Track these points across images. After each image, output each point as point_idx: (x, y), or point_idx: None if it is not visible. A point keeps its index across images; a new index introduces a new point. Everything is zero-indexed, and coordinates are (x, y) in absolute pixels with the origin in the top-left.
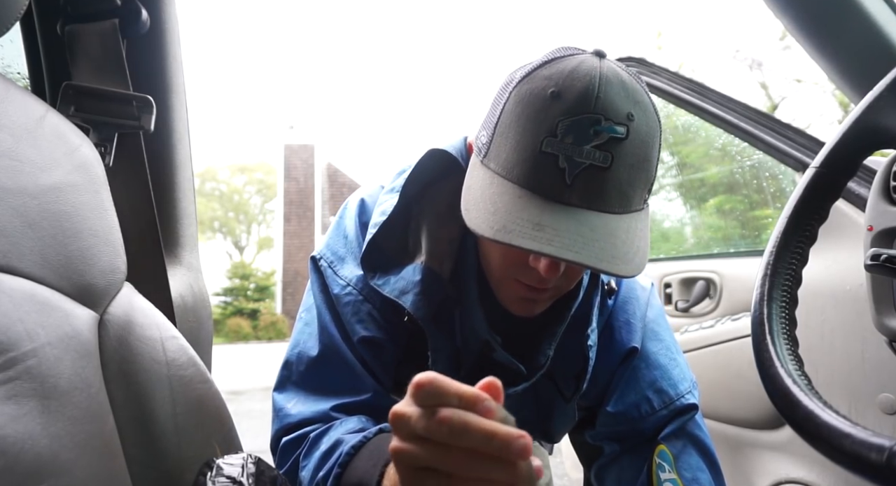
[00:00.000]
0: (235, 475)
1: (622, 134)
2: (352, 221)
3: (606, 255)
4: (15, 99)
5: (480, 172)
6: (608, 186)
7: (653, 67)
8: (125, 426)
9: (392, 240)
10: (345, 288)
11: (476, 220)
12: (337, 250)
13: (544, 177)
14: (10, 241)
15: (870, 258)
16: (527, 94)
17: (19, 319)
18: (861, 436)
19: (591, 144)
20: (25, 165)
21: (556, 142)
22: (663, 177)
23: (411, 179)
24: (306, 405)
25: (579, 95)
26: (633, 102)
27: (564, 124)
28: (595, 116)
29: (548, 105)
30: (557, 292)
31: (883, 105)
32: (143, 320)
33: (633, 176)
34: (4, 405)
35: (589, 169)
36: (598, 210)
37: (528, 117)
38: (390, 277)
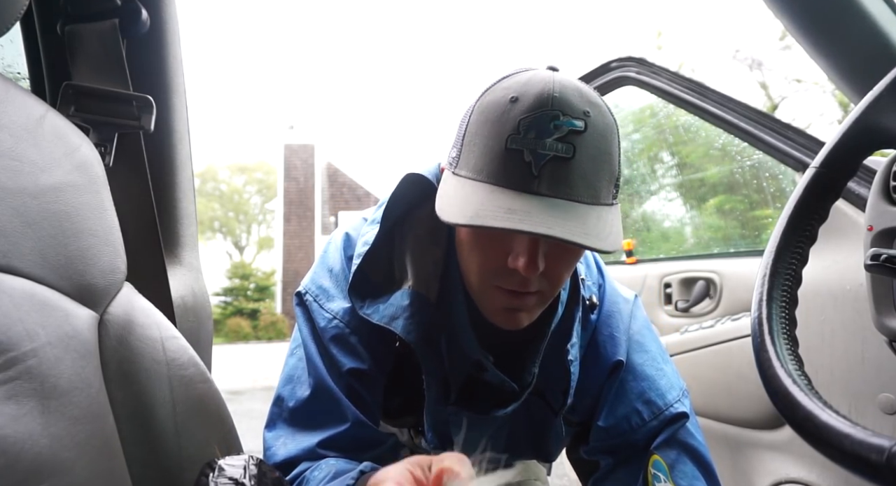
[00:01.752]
0: (237, 476)
1: (580, 127)
2: (337, 254)
3: (578, 232)
4: (15, 99)
5: (452, 181)
6: (574, 175)
7: (653, 67)
8: (125, 425)
9: (378, 269)
10: (331, 321)
11: (449, 212)
12: (321, 283)
13: (512, 171)
14: (10, 241)
15: (870, 258)
16: (488, 103)
17: (19, 319)
18: (861, 436)
19: (552, 137)
20: (25, 165)
21: (520, 138)
22: (664, 177)
23: (390, 205)
24: (294, 442)
25: (537, 96)
26: (587, 102)
27: (526, 122)
28: (553, 112)
29: (509, 109)
30: (542, 300)
31: (883, 105)
32: (143, 320)
33: (597, 167)
34: (4, 404)
35: (553, 160)
36: (567, 198)
37: (492, 122)
38: (378, 305)
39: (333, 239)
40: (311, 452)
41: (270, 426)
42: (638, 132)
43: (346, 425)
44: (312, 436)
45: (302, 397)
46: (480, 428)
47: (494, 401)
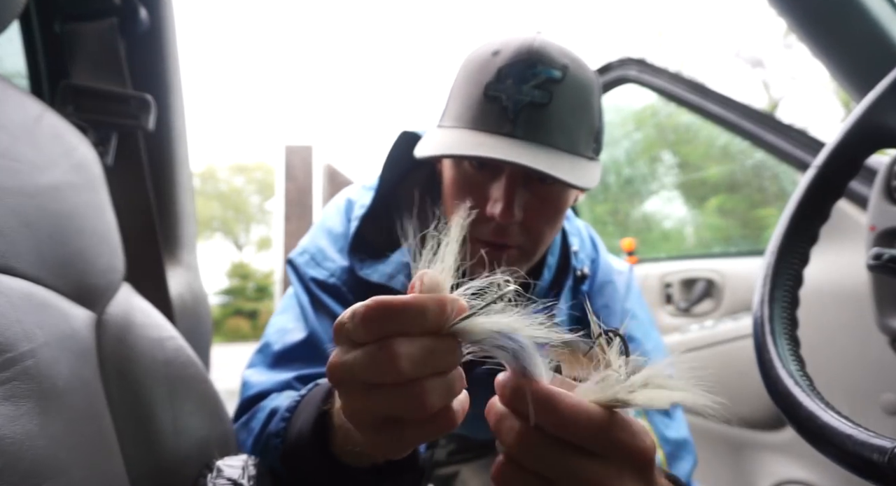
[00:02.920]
0: (236, 476)
1: (558, 76)
2: (339, 217)
3: (551, 164)
4: (12, 99)
5: (434, 131)
6: (550, 121)
7: (653, 67)
8: (123, 426)
9: (377, 231)
10: (329, 277)
11: (423, 149)
12: (319, 243)
13: (489, 116)
14: (7, 241)
15: (872, 258)
16: (471, 58)
17: (17, 319)
18: (862, 437)
19: (529, 84)
20: (23, 165)
21: (498, 84)
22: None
23: (387, 167)
24: (270, 376)
25: (517, 47)
26: (568, 58)
27: (504, 70)
28: (531, 60)
29: (489, 60)
30: (522, 256)
31: (885, 105)
32: (141, 320)
33: (575, 117)
34: (2, 405)
35: (529, 106)
36: (543, 144)
37: (473, 73)
38: (377, 265)
39: (334, 203)
40: (286, 384)
41: (251, 366)
42: (639, 132)
43: None
44: (291, 371)
45: (291, 341)
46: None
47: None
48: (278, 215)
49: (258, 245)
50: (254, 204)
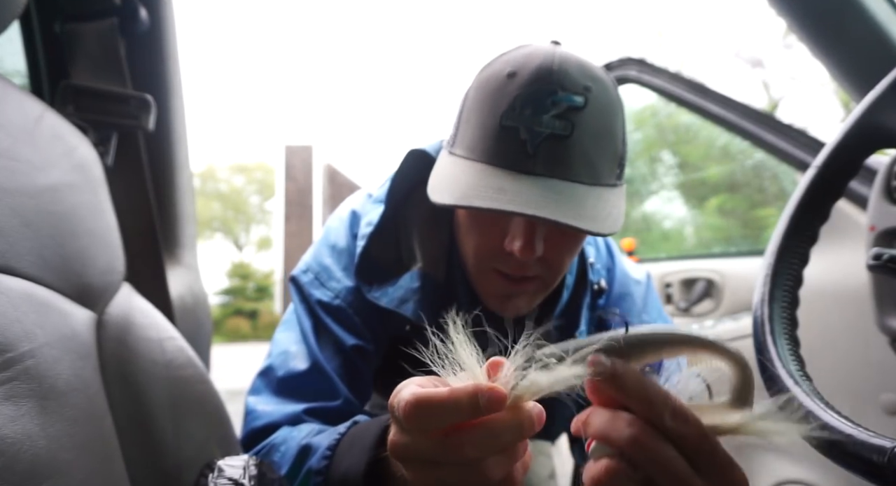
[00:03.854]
0: (237, 476)
1: (580, 103)
2: (342, 231)
3: (572, 213)
4: (12, 99)
5: (447, 159)
6: (572, 153)
7: (653, 67)
8: (124, 426)
9: (385, 251)
10: (334, 299)
11: (438, 192)
12: (323, 261)
13: (506, 150)
14: (7, 241)
15: (872, 258)
16: (486, 78)
17: (17, 319)
18: (862, 437)
19: (549, 113)
20: (23, 165)
21: (515, 115)
22: (664, 176)
23: (395, 184)
24: (278, 407)
25: (535, 70)
26: (589, 77)
27: (522, 97)
28: (551, 87)
29: (505, 84)
30: (541, 287)
31: (884, 105)
32: (141, 321)
33: (598, 146)
34: (2, 405)
35: (550, 138)
36: (564, 179)
37: (488, 98)
38: (387, 288)
39: (338, 216)
40: (296, 417)
41: (255, 392)
42: (639, 132)
43: (338, 401)
44: (299, 404)
45: (295, 369)
46: None
47: None
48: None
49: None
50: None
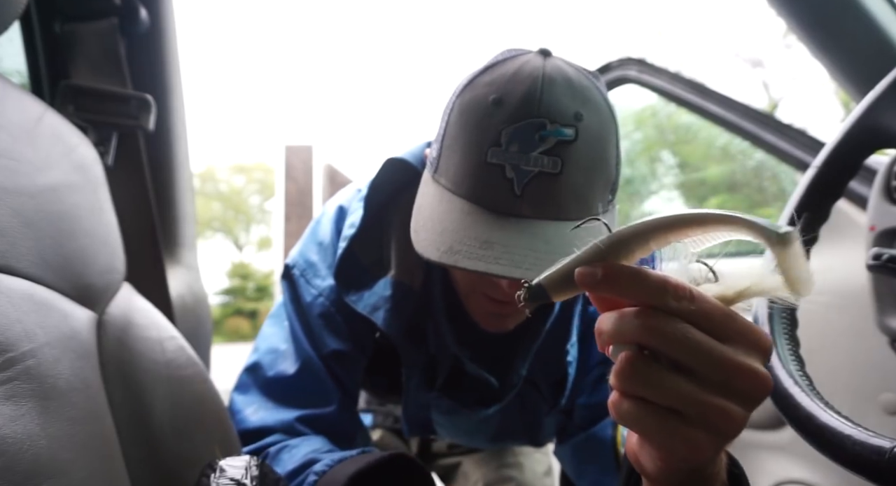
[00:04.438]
0: (239, 476)
1: (570, 136)
2: (329, 227)
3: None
4: (13, 98)
5: (431, 189)
6: (562, 192)
7: (653, 67)
8: (124, 426)
9: (368, 252)
10: (317, 298)
11: (424, 243)
12: (309, 257)
13: (492, 189)
14: (8, 241)
15: (871, 258)
16: (469, 103)
17: (18, 319)
18: (862, 437)
19: (537, 150)
20: (23, 165)
21: (501, 152)
22: (664, 176)
23: (372, 190)
24: (269, 412)
25: (521, 99)
26: (580, 101)
27: (508, 132)
28: (539, 121)
29: (490, 113)
30: None
31: (884, 105)
32: (142, 320)
33: (590, 179)
34: (3, 405)
35: (538, 177)
36: (554, 219)
37: (472, 128)
38: (363, 292)
39: (326, 211)
40: (289, 426)
41: (242, 390)
42: (639, 132)
43: (331, 408)
44: (292, 411)
45: (285, 371)
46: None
47: (479, 394)
48: (278, 215)
49: (258, 245)
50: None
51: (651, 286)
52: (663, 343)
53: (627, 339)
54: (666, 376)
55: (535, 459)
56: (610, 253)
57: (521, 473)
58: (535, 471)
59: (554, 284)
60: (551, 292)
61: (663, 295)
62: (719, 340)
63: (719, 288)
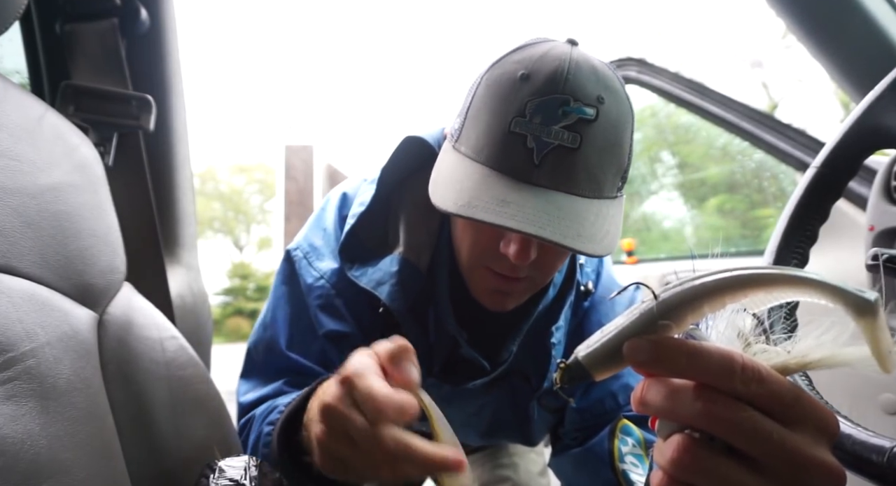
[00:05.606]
0: (238, 477)
1: (591, 115)
2: (332, 213)
3: (572, 232)
4: (13, 99)
5: (451, 156)
6: (577, 167)
7: (653, 67)
8: (124, 426)
9: (372, 232)
10: (318, 280)
11: (441, 196)
12: (314, 241)
13: (512, 157)
14: (9, 241)
15: (871, 258)
16: (497, 77)
17: (18, 319)
18: (861, 437)
19: (559, 124)
20: (24, 165)
21: (525, 122)
22: (664, 176)
23: (388, 168)
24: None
25: (548, 76)
26: (603, 86)
27: (533, 104)
28: (564, 97)
29: (517, 87)
30: (531, 286)
31: (884, 105)
32: (142, 320)
33: (604, 160)
34: (3, 405)
35: (557, 149)
36: (567, 192)
37: (498, 99)
38: (367, 268)
39: (330, 198)
40: (278, 390)
41: (244, 372)
42: (639, 132)
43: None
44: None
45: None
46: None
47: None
48: (278, 215)
49: (258, 245)
50: (254, 204)
51: (714, 367)
52: (727, 432)
53: (682, 421)
54: (730, 468)
55: (530, 459)
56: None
57: (516, 473)
58: (531, 471)
59: (596, 361)
60: (593, 371)
61: (729, 377)
62: (786, 425)
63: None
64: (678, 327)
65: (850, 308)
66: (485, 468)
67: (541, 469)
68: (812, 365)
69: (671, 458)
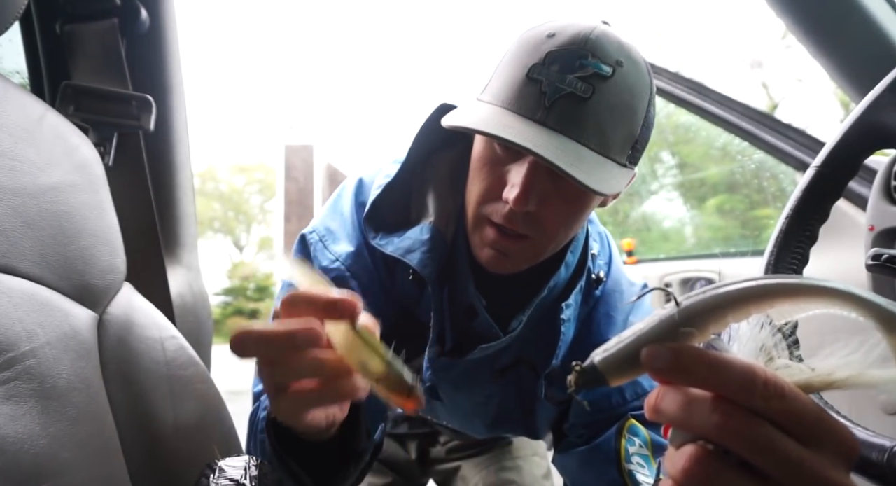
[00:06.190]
0: (238, 477)
1: (607, 72)
2: (349, 199)
3: (570, 159)
4: (14, 99)
5: (473, 103)
6: (586, 116)
7: (653, 67)
8: (124, 425)
9: (394, 207)
10: (333, 262)
11: (453, 119)
12: (330, 225)
13: (526, 98)
14: (9, 241)
15: (871, 258)
16: (526, 37)
17: (18, 319)
18: (861, 436)
19: (574, 74)
20: (25, 165)
21: (543, 68)
22: (664, 176)
23: (420, 136)
24: None
25: (573, 34)
26: (625, 55)
27: (552, 55)
28: (583, 51)
29: (542, 42)
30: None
31: (884, 104)
32: (142, 320)
33: (615, 119)
34: (3, 405)
35: (569, 96)
36: (573, 138)
37: (522, 51)
38: (393, 238)
39: (346, 184)
40: None
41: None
42: None
43: None
44: None
45: None
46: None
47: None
48: (279, 216)
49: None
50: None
51: (735, 380)
52: (743, 448)
53: (697, 432)
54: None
55: (534, 462)
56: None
57: (519, 476)
58: (534, 474)
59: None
60: (608, 376)
61: (750, 392)
62: (806, 445)
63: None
64: (700, 336)
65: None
66: (489, 471)
67: (545, 472)
68: (837, 384)
69: (683, 468)
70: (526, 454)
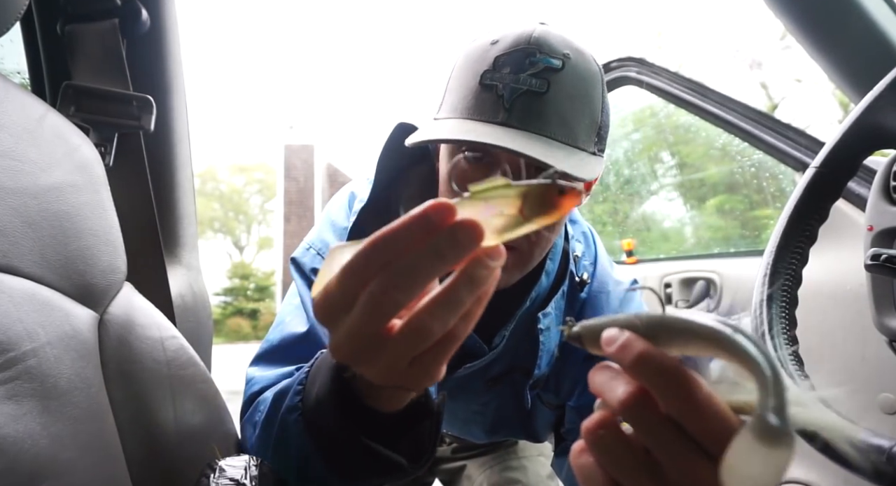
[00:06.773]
0: (238, 476)
1: (558, 65)
2: (342, 210)
3: (541, 152)
4: (15, 99)
5: (431, 123)
6: (547, 109)
7: (653, 67)
8: (125, 425)
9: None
10: None
11: (419, 136)
12: (325, 238)
13: (484, 104)
14: (10, 241)
15: (870, 258)
16: (469, 48)
17: (19, 319)
18: (861, 436)
19: (527, 72)
20: (25, 165)
21: (494, 73)
22: (664, 176)
23: (384, 156)
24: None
25: (516, 36)
26: (569, 48)
27: (501, 59)
28: (530, 49)
29: (487, 49)
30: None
31: (883, 105)
32: (143, 320)
33: (575, 108)
34: (4, 404)
35: (526, 94)
36: (538, 133)
37: (470, 63)
38: None
39: (339, 197)
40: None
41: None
42: (638, 132)
43: None
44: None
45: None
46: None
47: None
48: (279, 216)
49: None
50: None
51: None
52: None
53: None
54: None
55: (539, 462)
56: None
57: (524, 476)
58: (539, 474)
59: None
60: (585, 341)
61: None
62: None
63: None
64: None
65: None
66: (493, 471)
67: (549, 472)
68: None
69: (587, 425)
70: (531, 454)
